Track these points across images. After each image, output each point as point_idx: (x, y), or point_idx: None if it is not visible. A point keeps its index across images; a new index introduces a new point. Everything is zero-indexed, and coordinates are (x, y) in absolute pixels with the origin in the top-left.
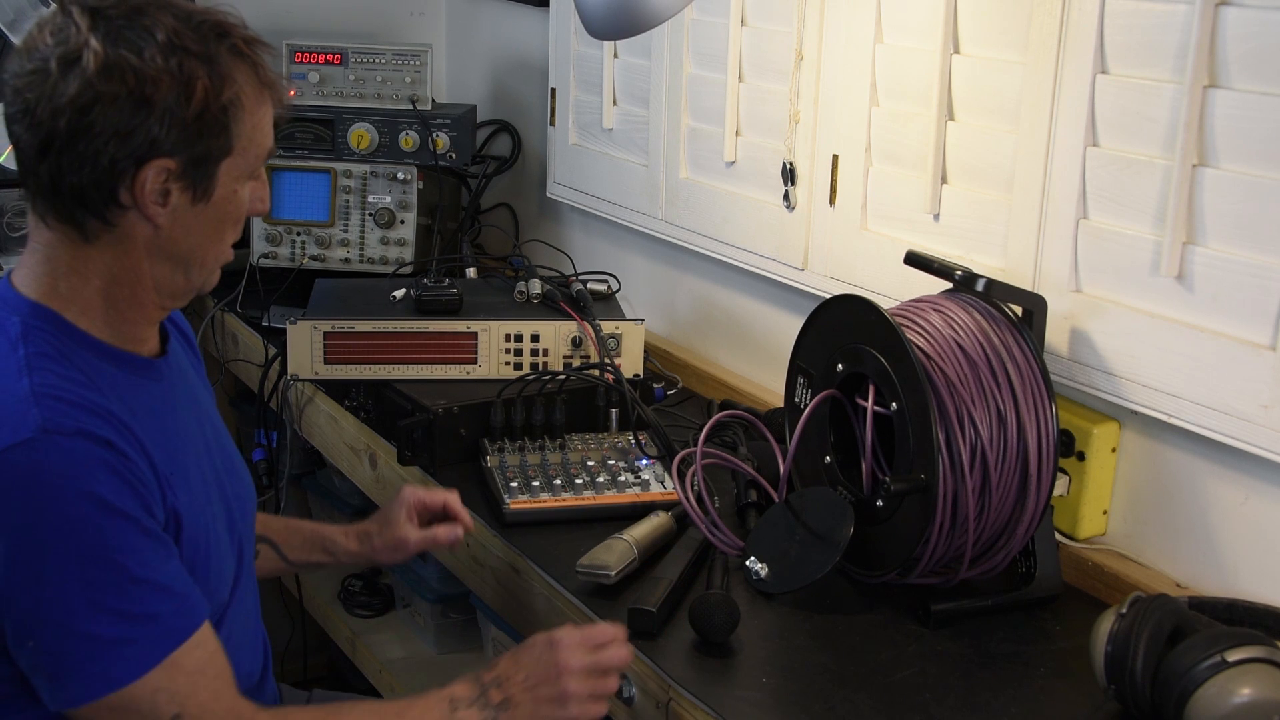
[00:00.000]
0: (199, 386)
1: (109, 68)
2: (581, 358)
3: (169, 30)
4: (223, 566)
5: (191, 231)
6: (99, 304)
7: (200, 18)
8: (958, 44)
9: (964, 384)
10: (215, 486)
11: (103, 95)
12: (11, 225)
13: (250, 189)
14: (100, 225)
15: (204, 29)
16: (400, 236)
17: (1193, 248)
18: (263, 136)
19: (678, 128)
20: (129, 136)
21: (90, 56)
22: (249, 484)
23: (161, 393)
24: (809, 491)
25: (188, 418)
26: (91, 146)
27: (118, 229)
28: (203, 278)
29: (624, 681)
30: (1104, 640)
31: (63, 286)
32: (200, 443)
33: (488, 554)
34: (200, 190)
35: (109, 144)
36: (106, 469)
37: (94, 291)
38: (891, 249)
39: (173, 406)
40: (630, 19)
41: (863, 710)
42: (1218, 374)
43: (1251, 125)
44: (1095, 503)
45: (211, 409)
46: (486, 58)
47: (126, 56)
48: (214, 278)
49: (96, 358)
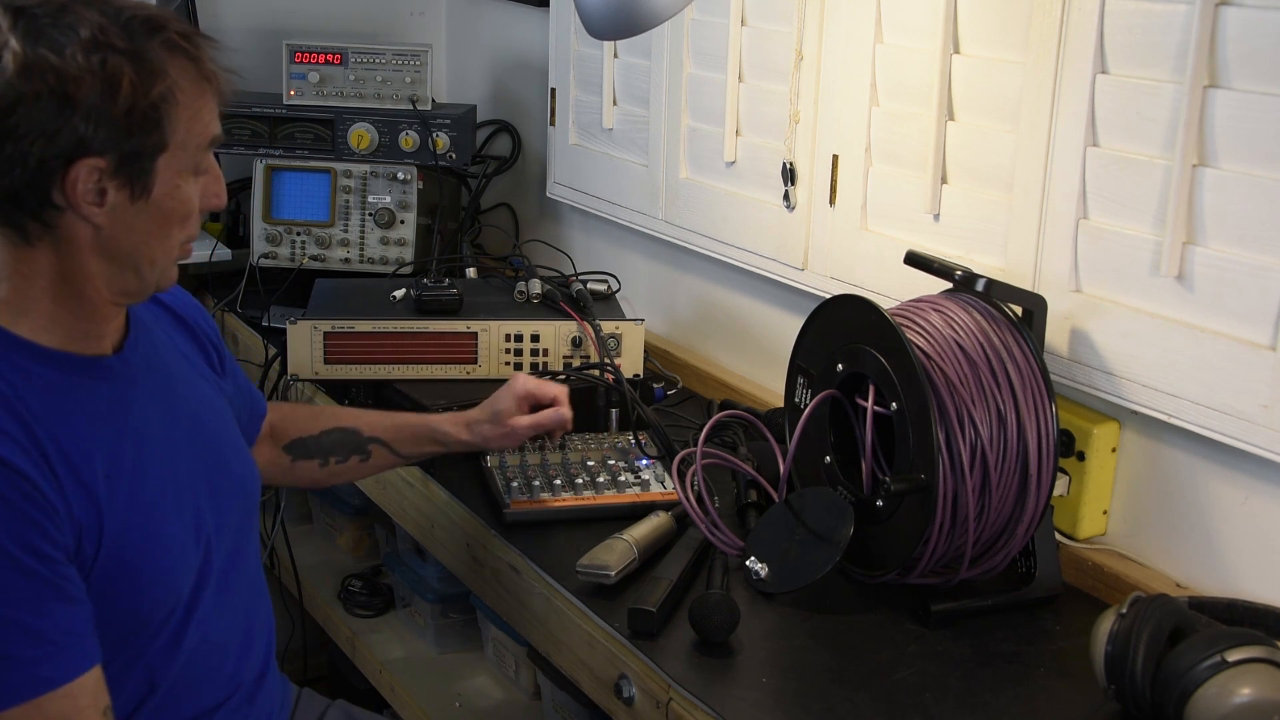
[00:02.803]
0: (182, 376)
1: (28, 67)
2: (581, 358)
3: (94, 27)
4: (175, 569)
5: (134, 230)
6: (45, 305)
7: (130, 13)
8: (958, 44)
9: (964, 384)
10: (188, 485)
11: (24, 96)
12: None
13: (202, 184)
14: (39, 227)
15: (133, 25)
16: (400, 236)
17: (1193, 248)
18: (202, 128)
19: (678, 128)
20: (55, 136)
21: (9, 57)
22: (244, 475)
23: (111, 392)
24: (809, 491)
25: (149, 415)
26: (18, 148)
27: (57, 230)
28: (155, 276)
29: (624, 681)
30: (1104, 640)
31: (5, 289)
32: (167, 440)
33: (488, 554)
34: (138, 188)
35: (35, 144)
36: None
37: (39, 292)
38: (891, 249)
39: (125, 405)
40: (630, 19)
41: (863, 710)
42: (1218, 374)
43: (1251, 125)
44: (1095, 503)
45: (198, 398)
46: (486, 58)
47: (46, 55)
48: (169, 274)
49: (29, 360)
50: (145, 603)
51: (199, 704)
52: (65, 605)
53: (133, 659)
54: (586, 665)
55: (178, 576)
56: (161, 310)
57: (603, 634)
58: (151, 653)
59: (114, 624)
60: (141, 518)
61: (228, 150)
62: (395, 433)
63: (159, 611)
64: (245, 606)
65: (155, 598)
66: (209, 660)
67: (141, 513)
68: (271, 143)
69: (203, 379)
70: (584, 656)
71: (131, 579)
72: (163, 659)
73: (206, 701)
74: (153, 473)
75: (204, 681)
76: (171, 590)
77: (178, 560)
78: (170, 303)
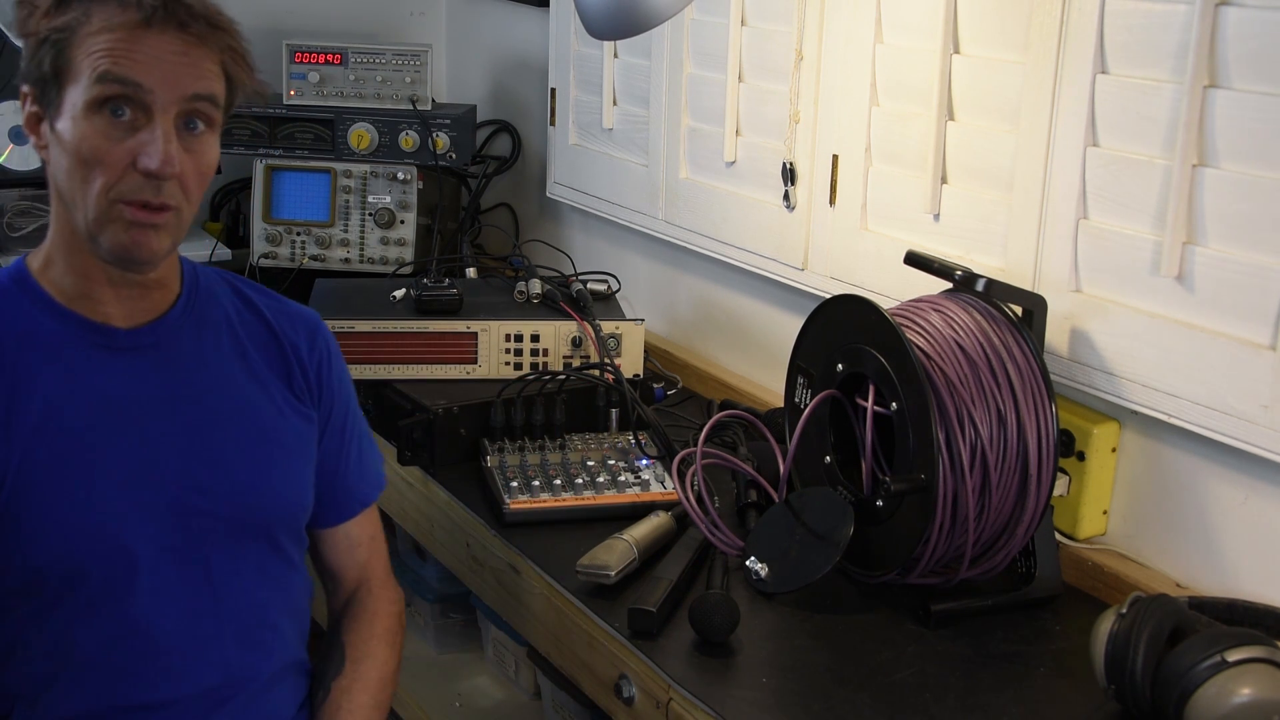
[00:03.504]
0: (220, 375)
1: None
2: (581, 358)
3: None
4: (90, 534)
5: (59, 167)
6: (60, 256)
7: None
8: (958, 44)
9: (964, 384)
10: (154, 467)
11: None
12: (12, 225)
13: (102, 128)
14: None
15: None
16: (400, 236)
17: (1193, 248)
18: (95, 61)
19: (678, 128)
20: (18, 66)
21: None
22: (252, 489)
23: (101, 358)
24: (809, 491)
25: (137, 388)
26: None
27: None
28: (86, 224)
29: (624, 681)
30: (1104, 640)
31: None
32: (147, 417)
33: (488, 554)
34: (52, 118)
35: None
36: None
37: (56, 236)
38: (891, 249)
39: (109, 369)
40: (630, 19)
41: (863, 710)
42: (1218, 374)
43: (1251, 125)
44: (1095, 503)
45: (228, 399)
46: (486, 58)
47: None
48: (112, 234)
49: (39, 309)
50: (43, 556)
51: (133, 697)
52: None
53: (37, 619)
54: (586, 665)
55: (92, 543)
56: (255, 319)
57: (603, 634)
58: (58, 621)
59: (12, 570)
60: (62, 473)
61: (228, 150)
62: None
63: (59, 573)
64: (217, 620)
65: (56, 555)
66: (143, 653)
67: (65, 470)
68: (271, 143)
69: (261, 390)
70: (584, 656)
71: (34, 525)
72: (75, 633)
73: (143, 697)
74: (108, 440)
75: (135, 675)
76: (77, 554)
77: (98, 528)
78: (270, 315)
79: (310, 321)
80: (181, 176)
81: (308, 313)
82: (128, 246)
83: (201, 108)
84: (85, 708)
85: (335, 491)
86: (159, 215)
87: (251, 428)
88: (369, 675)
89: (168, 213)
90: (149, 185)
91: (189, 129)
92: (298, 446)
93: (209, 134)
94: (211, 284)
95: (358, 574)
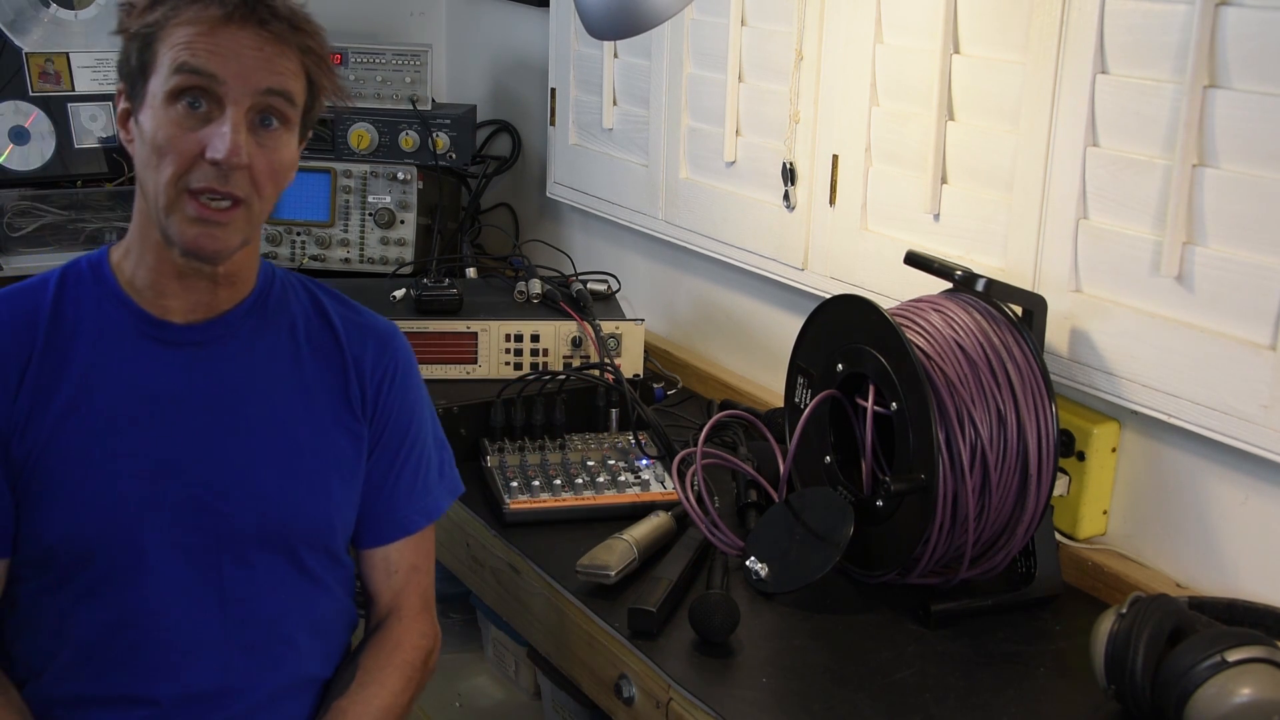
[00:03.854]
0: (267, 379)
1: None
2: (581, 358)
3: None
4: (99, 518)
5: (140, 156)
6: (136, 247)
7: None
8: (958, 44)
9: (964, 384)
10: (174, 462)
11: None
12: (12, 225)
13: (177, 118)
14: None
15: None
16: (400, 236)
17: (1193, 248)
18: (176, 53)
19: (678, 128)
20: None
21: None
22: (272, 500)
23: (149, 348)
24: (809, 491)
25: (176, 380)
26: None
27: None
28: (157, 212)
29: (624, 681)
30: (1104, 640)
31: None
32: (180, 413)
33: (488, 554)
34: (137, 109)
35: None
36: None
37: (134, 228)
38: (891, 249)
39: (150, 360)
40: (630, 19)
41: (863, 710)
42: (1218, 374)
43: (1251, 125)
44: (1095, 503)
45: (270, 404)
46: (486, 58)
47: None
48: (180, 226)
49: (108, 302)
50: (54, 534)
51: (126, 687)
52: None
53: (45, 595)
54: (586, 665)
55: (102, 528)
56: (324, 328)
57: (603, 634)
58: (63, 600)
59: (27, 542)
60: (86, 456)
61: None
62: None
63: (68, 552)
64: (222, 625)
65: (66, 534)
66: (141, 645)
67: (89, 453)
68: None
69: (307, 402)
70: (584, 656)
71: (50, 502)
72: (78, 615)
73: (135, 689)
74: (138, 431)
75: (130, 666)
76: (86, 536)
77: (111, 514)
78: (340, 325)
79: (384, 335)
80: (252, 170)
81: (384, 326)
82: (195, 240)
83: (276, 104)
84: (79, 691)
85: (376, 511)
86: (225, 214)
87: (286, 438)
88: (372, 701)
89: (236, 209)
90: (216, 175)
91: (264, 125)
92: (337, 463)
93: (284, 132)
94: (287, 289)
95: (390, 600)
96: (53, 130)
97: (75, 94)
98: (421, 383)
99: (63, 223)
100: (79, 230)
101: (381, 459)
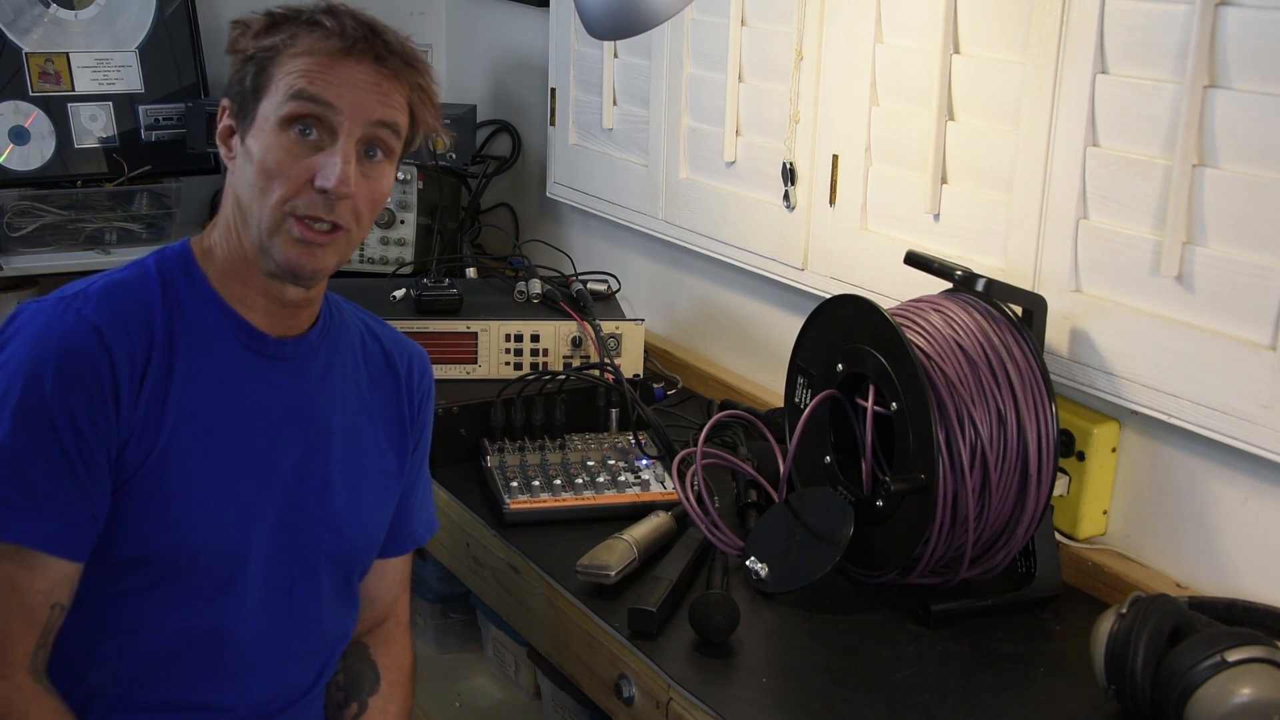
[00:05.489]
0: (341, 407)
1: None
2: (581, 358)
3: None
4: (191, 529)
5: (244, 175)
6: (222, 252)
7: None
8: (958, 44)
9: (964, 384)
10: (262, 482)
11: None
12: (12, 225)
13: (288, 144)
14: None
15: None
16: (400, 236)
17: (1193, 248)
18: (293, 79)
19: (678, 128)
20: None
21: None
22: (335, 523)
23: (250, 361)
24: (809, 491)
25: (274, 403)
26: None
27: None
28: (259, 233)
29: (624, 681)
30: (1104, 640)
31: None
32: (279, 434)
33: (488, 554)
34: (244, 128)
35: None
36: (75, 358)
37: (219, 235)
38: (891, 249)
39: (256, 378)
40: (630, 19)
41: (863, 710)
42: (1218, 374)
43: (1251, 125)
44: (1095, 503)
45: (340, 432)
46: (486, 58)
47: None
48: (279, 247)
49: (208, 306)
50: (160, 539)
51: (193, 695)
52: (69, 483)
53: (116, 601)
54: (586, 665)
55: (208, 538)
56: (378, 349)
57: (603, 634)
58: (139, 607)
59: (124, 543)
60: (200, 463)
61: None
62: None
63: (170, 557)
64: (287, 639)
65: (172, 540)
66: (214, 655)
67: (203, 460)
68: None
69: (370, 423)
70: (584, 656)
71: (161, 506)
72: (153, 622)
73: (202, 697)
74: (244, 442)
75: (199, 675)
76: (192, 545)
77: (221, 525)
78: (390, 347)
79: (423, 358)
80: (355, 200)
81: (419, 349)
82: (296, 259)
83: (383, 135)
84: (146, 698)
85: (398, 525)
86: (326, 235)
87: (357, 459)
88: (404, 703)
89: (337, 233)
90: (323, 203)
91: (368, 156)
92: (387, 484)
93: (386, 163)
94: (344, 311)
95: (387, 607)
96: (53, 130)
97: (75, 94)
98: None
99: (63, 223)
100: (79, 230)
101: (409, 476)
